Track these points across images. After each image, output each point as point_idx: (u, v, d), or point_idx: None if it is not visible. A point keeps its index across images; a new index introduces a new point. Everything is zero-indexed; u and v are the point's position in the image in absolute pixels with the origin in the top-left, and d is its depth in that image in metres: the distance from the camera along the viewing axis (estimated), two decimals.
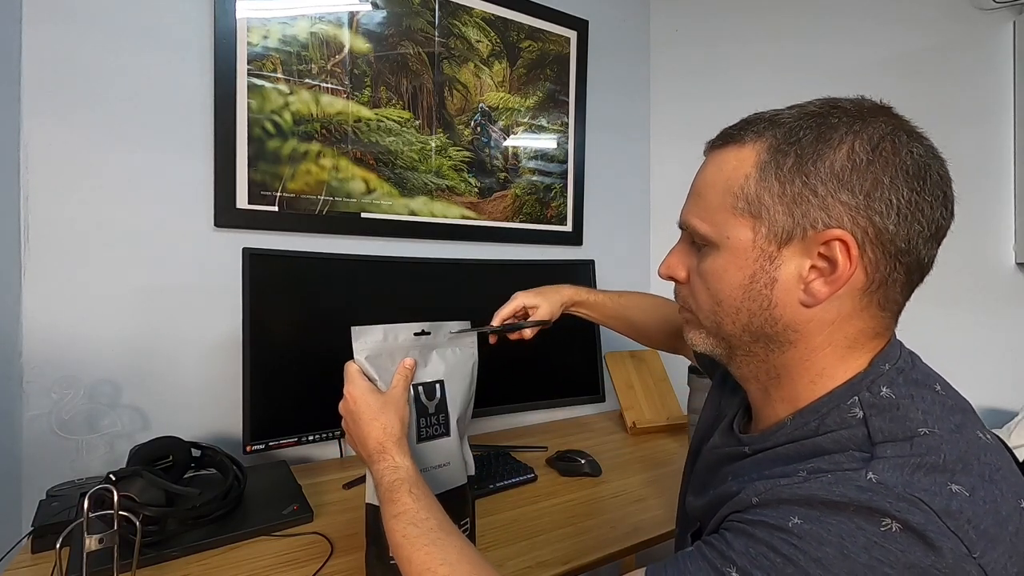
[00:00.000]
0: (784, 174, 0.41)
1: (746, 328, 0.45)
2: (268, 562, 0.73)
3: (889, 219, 0.39)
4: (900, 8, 1.21)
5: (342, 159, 1.15)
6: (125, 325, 0.97)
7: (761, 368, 0.47)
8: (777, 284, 0.42)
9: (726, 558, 0.37)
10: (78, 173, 0.94)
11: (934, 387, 0.41)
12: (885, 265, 0.40)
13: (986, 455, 0.37)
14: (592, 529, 0.84)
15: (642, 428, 1.29)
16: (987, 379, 1.11)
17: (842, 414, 0.41)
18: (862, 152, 0.39)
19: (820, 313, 0.42)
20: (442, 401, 0.68)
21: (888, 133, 0.40)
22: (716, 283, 0.45)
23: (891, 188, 0.39)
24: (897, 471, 0.35)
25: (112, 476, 0.72)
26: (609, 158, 1.57)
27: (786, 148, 0.41)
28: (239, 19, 1.03)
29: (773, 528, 0.36)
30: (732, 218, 0.43)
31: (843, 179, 0.39)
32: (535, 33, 1.40)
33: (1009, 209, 1.08)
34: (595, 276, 1.29)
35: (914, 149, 0.40)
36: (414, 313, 0.73)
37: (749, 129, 0.44)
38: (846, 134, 0.40)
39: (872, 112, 0.41)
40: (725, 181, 0.44)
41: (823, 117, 0.41)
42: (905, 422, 0.38)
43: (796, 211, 0.40)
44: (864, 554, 0.32)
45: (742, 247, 0.43)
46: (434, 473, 0.65)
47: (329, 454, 1.13)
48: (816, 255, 0.41)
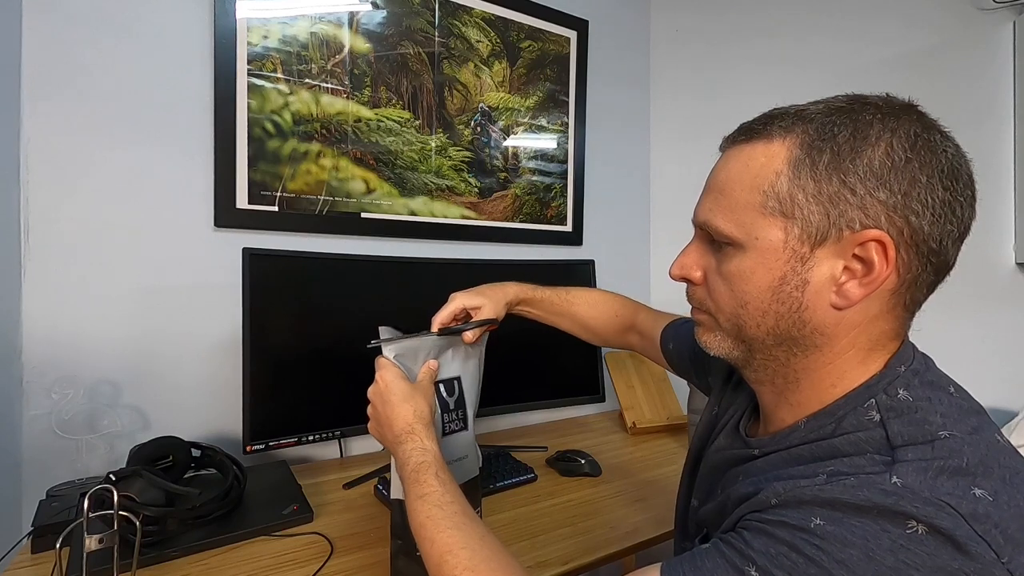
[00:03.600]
0: (820, 171, 0.39)
1: (771, 331, 0.43)
2: (268, 562, 0.73)
3: (924, 219, 0.38)
4: (900, 8, 1.21)
5: (342, 159, 1.15)
6: (125, 325, 0.97)
7: (779, 372, 0.45)
8: (809, 286, 0.40)
9: (745, 556, 0.36)
10: (78, 173, 0.94)
11: (948, 389, 0.41)
12: (917, 266, 0.39)
13: (1005, 458, 0.36)
14: (592, 529, 0.84)
15: (642, 428, 1.29)
16: (987, 379, 1.10)
17: (859, 416, 0.40)
18: (900, 150, 0.38)
19: (850, 315, 0.41)
20: (460, 397, 0.72)
21: (922, 131, 0.39)
22: (742, 285, 0.43)
23: (927, 187, 0.38)
24: (920, 474, 0.34)
25: (112, 476, 0.72)
26: (609, 158, 1.57)
27: (821, 144, 0.39)
28: (239, 19, 1.03)
29: (795, 528, 0.35)
30: (761, 218, 0.41)
31: (882, 177, 0.38)
32: (535, 33, 1.40)
33: (1009, 209, 1.08)
34: (595, 276, 1.29)
35: (947, 148, 0.39)
36: (414, 313, 0.73)
37: (775, 123, 0.42)
38: (883, 131, 0.38)
39: (903, 110, 0.40)
40: (753, 178, 0.41)
41: (855, 113, 0.39)
42: (924, 425, 0.37)
43: (832, 211, 0.39)
44: (890, 557, 0.32)
45: (772, 248, 0.41)
46: (454, 466, 0.68)
47: (329, 454, 1.13)
48: (851, 256, 0.39)
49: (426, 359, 0.68)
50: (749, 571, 0.35)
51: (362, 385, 0.66)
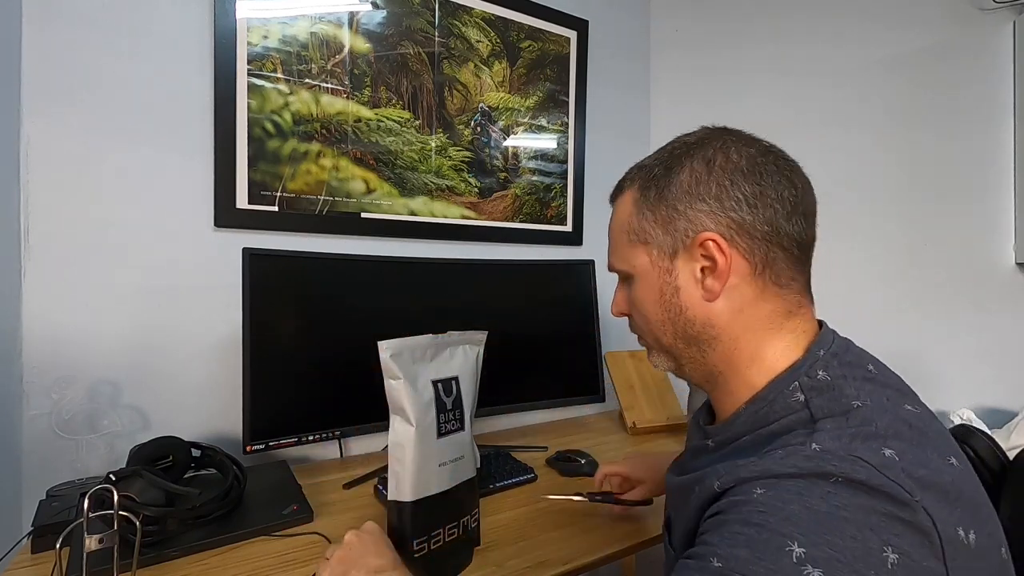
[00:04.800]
0: (652, 203, 0.51)
1: (677, 336, 0.52)
2: (268, 562, 0.73)
3: (742, 211, 0.47)
4: (900, 8, 1.21)
5: (342, 159, 1.15)
6: (125, 325, 0.97)
7: (704, 370, 0.52)
8: (681, 291, 0.50)
9: (708, 553, 0.39)
10: (78, 173, 0.94)
11: (867, 367, 0.46)
12: (759, 248, 0.47)
13: (913, 424, 0.41)
14: (592, 529, 0.84)
15: (642, 428, 1.29)
16: (987, 379, 1.11)
17: (786, 399, 0.45)
18: (700, 168, 0.48)
19: (725, 304, 0.48)
20: (458, 397, 0.72)
21: (719, 148, 0.49)
22: (642, 306, 0.53)
23: (733, 187, 0.47)
24: (836, 440, 0.39)
25: (112, 476, 0.72)
26: (609, 158, 1.57)
27: (648, 184, 0.51)
28: (239, 19, 1.03)
29: (741, 504, 0.39)
30: (631, 249, 0.53)
31: (693, 192, 0.48)
32: (535, 33, 1.40)
33: (1009, 209, 1.08)
34: (595, 276, 1.29)
35: (743, 152, 0.48)
36: (414, 313, 0.73)
37: (627, 179, 0.55)
38: (684, 159, 0.50)
39: (709, 136, 0.51)
40: (620, 223, 0.54)
41: (670, 153, 0.51)
42: (841, 399, 0.43)
43: (671, 227, 0.49)
44: (823, 504, 0.36)
45: (646, 270, 0.52)
46: (451, 466, 0.69)
47: (329, 454, 1.13)
48: (699, 257, 0.48)
49: (423, 359, 0.69)
50: (713, 563, 0.38)
51: (362, 385, 0.66)
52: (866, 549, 0.34)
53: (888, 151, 1.24)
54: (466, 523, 0.73)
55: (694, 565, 0.39)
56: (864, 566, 0.34)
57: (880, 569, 0.34)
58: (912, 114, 1.20)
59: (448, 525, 0.70)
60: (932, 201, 1.17)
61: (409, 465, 0.65)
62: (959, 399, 1.11)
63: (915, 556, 0.34)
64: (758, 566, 0.35)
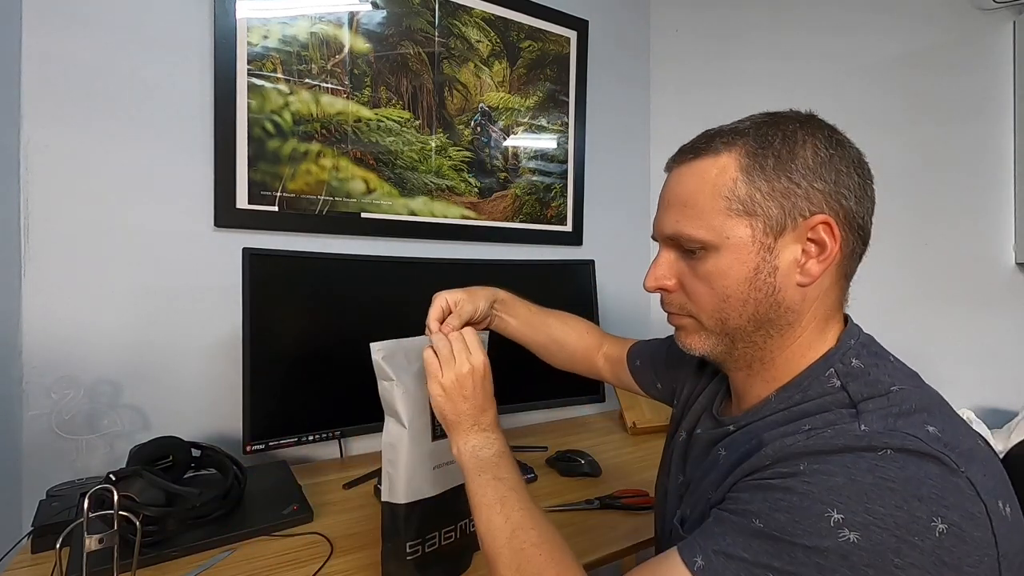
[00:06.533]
0: (769, 173, 0.46)
1: (752, 318, 0.49)
2: (268, 562, 0.73)
3: (851, 200, 0.46)
4: (900, 7, 1.21)
5: (342, 159, 1.15)
6: (125, 325, 0.97)
7: (757, 356, 0.51)
8: (779, 271, 0.47)
9: (748, 512, 0.41)
10: (78, 173, 0.94)
11: (890, 358, 0.48)
12: (852, 240, 0.47)
13: (945, 406, 0.43)
14: (592, 529, 0.84)
15: (642, 428, 1.29)
16: (987, 379, 1.11)
17: (822, 384, 0.46)
18: (823, 148, 0.46)
19: (812, 291, 0.48)
20: None
21: (831, 133, 0.48)
22: (721, 281, 0.48)
23: (848, 175, 0.46)
24: (882, 420, 0.40)
25: (112, 476, 0.72)
26: (609, 158, 1.57)
27: (763, 151, 0.46)
28: (239, 19, 1.03)
29: (786, 475, 0.40)
30: (729, 219, 0.47)
31: (816, 171, 0.46)
32: (535, 33, 1.40)
33: (1009, 209, 1.08)
34: (595, 276, 1.28)
35: (850, 144, 0.48)
36: (414, 313, 0.73)
37: (717, 140, 0.49)
38: (805, 136, 0.47)
39: (811, 118, 0.49)
40: (712, 187, 0.48)
41: (779, 124, 0.48)
42: (877, 384, 0.44)
43: (786, 203, 0.46)
44: (869, 476, 0.37)
45: (743, 244, 0.47)
46: (448, 469, 0.69)
47: (329, 454, 1.13)
48: (806, 239, 0.46)
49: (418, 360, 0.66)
50: (755, 523, 0.39)
51: (362, 385, 0.65)
52: (911, 517, 0.35)
53: (887, 151, 1.23)
54: (464, 527, 0.72)
55: (736, 521, 0.41)
56: (907, 532, 0.35)
57: (926, 537, 0.35)
58: (911, 114, 1.20)
59: (445, 528, 0.69)
60: (932, 201, 1.17)
61: (402, 467, 0.64)
62: (959, 399, 1.11)
63: (965, 527, 0.35)
64: (796, 528, 0.37)
